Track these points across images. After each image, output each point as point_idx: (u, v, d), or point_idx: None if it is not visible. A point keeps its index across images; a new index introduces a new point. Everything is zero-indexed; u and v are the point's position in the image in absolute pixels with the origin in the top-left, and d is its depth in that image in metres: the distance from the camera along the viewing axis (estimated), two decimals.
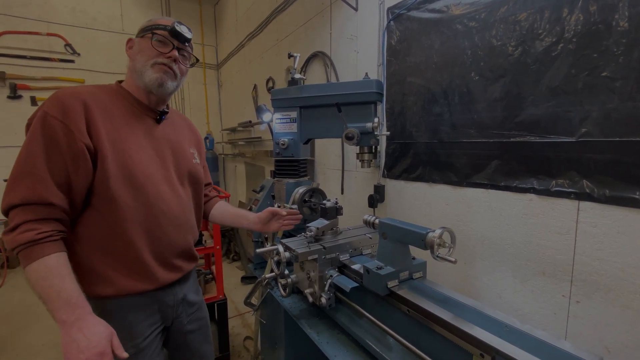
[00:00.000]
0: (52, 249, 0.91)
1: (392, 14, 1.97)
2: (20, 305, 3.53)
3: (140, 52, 1.11)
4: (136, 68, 1.11)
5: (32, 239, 0.89)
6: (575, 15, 1.18)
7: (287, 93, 1.74)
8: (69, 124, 0.94)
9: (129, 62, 1.14)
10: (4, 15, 4.62)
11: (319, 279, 1.29)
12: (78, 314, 0.89)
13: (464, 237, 1.63)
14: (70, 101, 0.97)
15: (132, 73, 1.13)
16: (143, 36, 1.11)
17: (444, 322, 0.90)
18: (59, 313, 0.88)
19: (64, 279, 0.91)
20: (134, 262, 1.07)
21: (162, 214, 1.12)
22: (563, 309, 1.28)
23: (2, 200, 0.92)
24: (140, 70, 1.10)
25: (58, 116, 0.94)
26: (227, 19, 5.60)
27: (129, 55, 1.14)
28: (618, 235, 1.12)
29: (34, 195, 0.90)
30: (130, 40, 1.15)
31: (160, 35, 1.10)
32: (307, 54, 2.91)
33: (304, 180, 1.83)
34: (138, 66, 1.10)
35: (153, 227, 1.10)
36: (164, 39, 1.11)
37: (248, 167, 5.04)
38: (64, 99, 0.97)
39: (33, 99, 4.83)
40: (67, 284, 0.90)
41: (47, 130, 0.93)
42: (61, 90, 1.00)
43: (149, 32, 1.11)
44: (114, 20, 5.37)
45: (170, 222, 1.14)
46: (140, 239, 1.07)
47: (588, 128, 1.16)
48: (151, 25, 1.11)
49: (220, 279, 2.56)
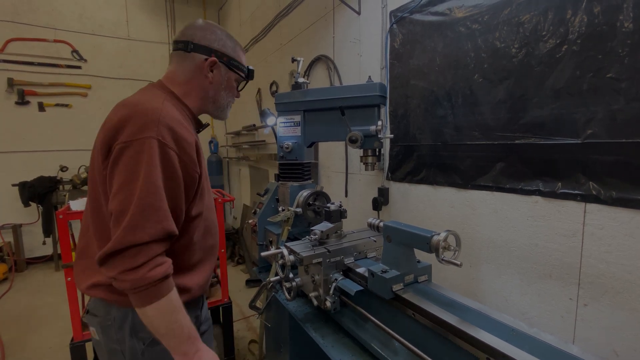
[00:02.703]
0: (173, 283, 0.91)
1: (395, 17, 1.97)
2: (27, 309, 3.56)
3: (227, 88, 1.14)
4: (217, 100, 1.13)
5: (165, 274, 0.87)
6: (579, 17, 1.18)
7: (291, 97, 1.75)
8: (184, 154, 0.95)
9: (205, 83, 1.09)
10: (13, 23, 4.70)
11: (323, 283, 1.28)
12: (197, 346, 0.94)
13: (469, 240, 1.63)
14: (181, 131, 0.95)
15: (205, 96, 1.11)
16: (232, 69, 1.13)
17: (450, 326, 0.89)
18: (183, 347, 0.91)
19: (184, 313, 0.93)
20: (194, 269, 1.10)
21: (214, 224, 1.18)
22: (570, 312, 1.27)
23: (125, 237, 0.83)
24: (222, 106, 1.16)
25: (174, 147, 0.92)
26: (231, 23, 5.65)
27: (208, 78, 1.09)
28: (625, 238, 1.11)
29: (162, 230, 0.88)
30: (215, 63, 1.08)
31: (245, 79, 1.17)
32: (310, 58, 2.93)
33: (308, 184, 1.84)
34: (221, 101, 1.14)
35: (207, 236, 1.14)
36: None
37: (252, 170, 5.06)
38: (174, 128, 0.93)
39: (40, 104, 4.90)
40: (186, 318, 0.93)
41: (167, 162, 0.90)
42: (164, 116, 0.92)
43: (242, 71, 1.15)
44: (120, 27, 5.44)
45: (215, 231, 1.19)
46: (199, 248, 1.10)
47: (594, 129, 1.16)
48: (244, 65, 1.15)
49: (225, 282, 2.56)
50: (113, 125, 0.91)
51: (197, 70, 1.07)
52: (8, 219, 4.71)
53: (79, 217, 2.15)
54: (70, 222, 2.12)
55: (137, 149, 0.87)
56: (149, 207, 0.86)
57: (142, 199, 0.85)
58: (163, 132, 0.90)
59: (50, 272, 4.65)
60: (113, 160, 0.89)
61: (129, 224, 0.83)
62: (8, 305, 3.65)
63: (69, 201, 2.27)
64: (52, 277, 4.48)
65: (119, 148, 0.88)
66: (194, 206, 1.04)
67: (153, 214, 0.86)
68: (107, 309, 1.01)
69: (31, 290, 4.08)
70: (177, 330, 0.90)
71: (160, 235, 0.87)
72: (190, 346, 0.92)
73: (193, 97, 1.10)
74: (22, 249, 4.78)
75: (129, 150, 0.88)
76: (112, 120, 0.92)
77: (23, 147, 4.85)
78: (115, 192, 0.87)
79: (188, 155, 0.97)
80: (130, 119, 0.90)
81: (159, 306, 0.87)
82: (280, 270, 1.41)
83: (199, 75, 1.08)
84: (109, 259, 0.84)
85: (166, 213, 0.89)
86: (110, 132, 0.91)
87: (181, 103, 1.08)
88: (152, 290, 0.85)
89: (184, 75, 1.08)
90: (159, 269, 0.86)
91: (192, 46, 1.06)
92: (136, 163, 0.87)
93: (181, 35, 1.09)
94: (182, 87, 1.09)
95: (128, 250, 0.83)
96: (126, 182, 0.86)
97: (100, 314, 1.02)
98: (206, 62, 1.07)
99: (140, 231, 0.84)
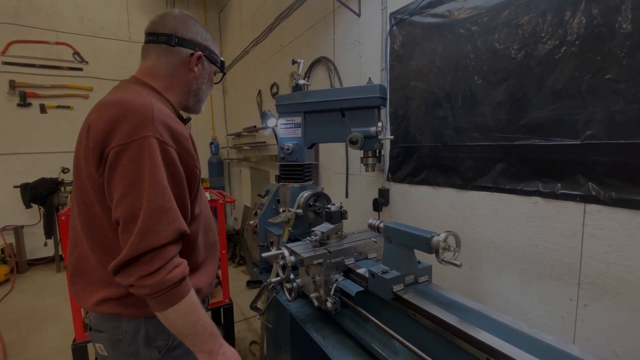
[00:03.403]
0: (190, 283, 0.90)
1: (395, 19, 1.98)
2: (29, 310, 3.57)
3: (208, 81, 1.14)
4: (198, 94, 1.12)
5: (183, 275, 0.86)
6: (578, 18, 1.18)
7: (292, 98, 1.76)
8: (183, 150, 0.93)
9: (189, 77, 1.07)
10: (14, 25, 4.72)
11: (324, 283, 1.29)
12: (220, 342, 0.95)
13: (469, 241, 1.63)
14: (176, 126, 0.92)
15: (187, 90, 1.09)
16: (213, 63, 1.13)
17: (450, 326, 0.90)
18: (206, 345, 0.92)
19: (203, 311, 0.93)
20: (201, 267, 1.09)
21: (211, 220, 1.19)
22: (571, 312, 1.27)
23: (141, 243, 0.80)
24: (201, 99, 1.14)
25: (173, 144, 0.90)
26: (231, 25, 5.67)
27: (193, 72, 1.07)
28: (625, 238, 1.11)
29: (175, 231, 0.85)
30: (201, 57, 1.07)
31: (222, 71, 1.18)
32: (310, 60, 2.94)
33: (308, 185, 1.84)
34: (201, 94, 1.13)
35: (209, 233, 1.15)
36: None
37: (253, 171, 5.07)
38: (169, 124, 0.90)
39: (42, 106, 4.92)
40: (207, 316, 0.94)
41: (168, 160, 0.88)
42: (157, 112, 0.88)
43: (219, 66, 1.16)
44: (121, 29, 5.46)
45: (214, 227, 1.20)
46: (203, 247, 1.10)
47: (593, 130, 1.16)
48: (220, 58, 1.16)
49: (226, 283, 2.57)
50: (101, 129, 0.85)
51: (181, 64, 1.04)
52: (10, 221, 4.73)
53: None
54: None
55: (136, 150, 0.83)
56: (159, 209, 0.83)
57: (151, 202, 0.82)
58: (160, 129, 0.87)
59: (52, 273, 4.66)
60: (110, 165, 0.84)
61: (142, 229, 0.80)
62: (10, 307, 3.66)
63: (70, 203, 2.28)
64: (53, 278, 4.49)
65: (115, 152, 0.83)
66: (196, 204, 1.03)
67: (164, 215, 0.84)
68: (115, 323, 0.97)
69: (33, 291, 4.09)
70: (200, 329, 0.90)
71: (174, 236, 0.85)
72: (214, 343, 0.93)
73: (175, 91, 1.07)
74: (24, 250, 4.79)
75: (127, 153, 0.83)
76: (99, 123, 0.86)
77: (25, 149, 4.86)
78: (120, 198, 0.83)
79: (186, 150, 0.94)
80: (121, 120, 0.84)
81: (180, 307, 0.86)
82: (281, 271, 1.42)
83: (182, 69, 1.05)
84: (124, 267, 0.81)
85: (177, 213, 0.87)
86: (100, 136, 0.85)
87: (163, 98, 1.03)
88: (172, 292, 0.84)
89: (166, 69, 1.04)
90: (177, 271, 0.85)
91: (176, 40, 1.02)
92: (138, 165, 0.83)
93: (161, 28, 1.03)
94: (163, 81, 1.04)
95: (144, 256, 0.81)
96: (131, 186, 0.82)
97: (108, 329, 0.98)
98: (193, 57, 1.05)
99: (155, 235, 0.81)
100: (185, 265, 0.89)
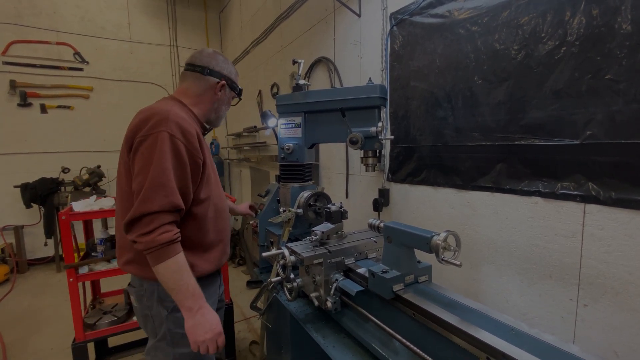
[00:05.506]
0: (180, 248, 1.11)
1: (395, 20, 1.98)
2: (29, 310, 3.57)
3: (226, 104, 1.47)
4: (218, 112, 1.44)
5: (171, 239, 1.07)
6: (578, 19, 1.18)
7: (292, 99, 1.76)
8: (189, 144, 1.17)
9: (213, 98, 1.39)
10: (15, 25, 4.73)
11: (324, 283, 1.29)
12: (200, 303, 1.12)
13: (469, 241, 1.63)
14: (186, 126, 1.17)
15: (211, 108, 1.40)
16: (233, 90, 1.45)
17: (450, 326, 0.90)
18: (187, 302, 1.10)
19: (189, 274, 1.11)
20: (209, 249, 1.31)
21: (224, 210, 1.41)
22: (571, 312, 1.27)
23: (138, 208, 1.05)
24: (220, 116, 1.47)
25: (181, 138, 1.15)
26: (232, 26, 5.68)
27: (217, 95, 1.39)
28: (625, 238, 1.11)
29: (169, 203, 1.09)
30: (224, 85, 1.40)
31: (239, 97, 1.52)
32: (311, 60, 2.94)
33: (308, 185, 1.84)
34: (220, 113, 1.46)
35: (218, 220, 1.36)
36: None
37: (253, 171, 5.07)
38: (181, 123, 1.16)
39: (43, 106, 4.92)
40: (192, 279, 1.12)
41: (175, 150, 1.13)
42: (173, 115, 1.15)
43: (237, 93, 1.49)
44: (122, 29, 5.46)
45: (226, 216, 1.43)
46: (212, 230, 1.32)
47: (593, 130, 1.16)
48: (238, 87, 1.48)
49: (226, 283, 2.57)
50: (134, 126, 1.16)
51: (209, 88, 1.38)
52: (10, 221, 4.73)
53: (81, 218, 2.16)
54: (73, 223, 2.13)
55: (151, 141, 1.11)
56: (159, 184, 1.08)
57: (153, 179, 1.07)
58: (172, 127, 1.13)
59: (52, 273, 4.66)
60: (134, 150, 1.13)
61: (143, 197, 1.06)
62: (10, 307, 3.66)
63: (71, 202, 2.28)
64: (53, 278, 4.49)
65: (138, 141, 1.12)
66: (202, 189, 1.25)
67: (162, 189, 1.08)
68: (140, 282, 1.26)
69: (33, 291, 4.08)
70: (183, 287, 1.09)
71: (167, 206, 1.08)
72: (194, 302, 1.10)
73: (201, 107, 1.38)
74: (24, 250, 4.79)
75: (145, 142, 1.11)
76: (134, 122, 1.17)
77: (25, 149, 4.86)
78: (136, 175, 1.11)
79: (192, 144, 1.18)
80: (147, 120, 1.14)
81: (167, 265, 1.07)
82: (281, 271, 1.42)
83: (209, 92, 1.38)
84: (129, 226, 1.07)
85: (173, 190, 1.10)
86: (132, 131, 1.15)
87: (189, 110, 1.33)
88: (160, 251, 1.06)
89: (196, 91, 1.36)
90: (166, 235, 1.06)
91: (208, 71, 1.36)
92: (151, 151, 1.10)
93: (198, 61, 1.36)
94: (192, 99, 1.36)
95: (143, 218, 1.05)
96: (143, 167, 1.09)
97: (136, 285, 1.28)
98: (218, 84, 1.38)
99: (151, 203, 1.06)
100: (175, 233, 1.10)
